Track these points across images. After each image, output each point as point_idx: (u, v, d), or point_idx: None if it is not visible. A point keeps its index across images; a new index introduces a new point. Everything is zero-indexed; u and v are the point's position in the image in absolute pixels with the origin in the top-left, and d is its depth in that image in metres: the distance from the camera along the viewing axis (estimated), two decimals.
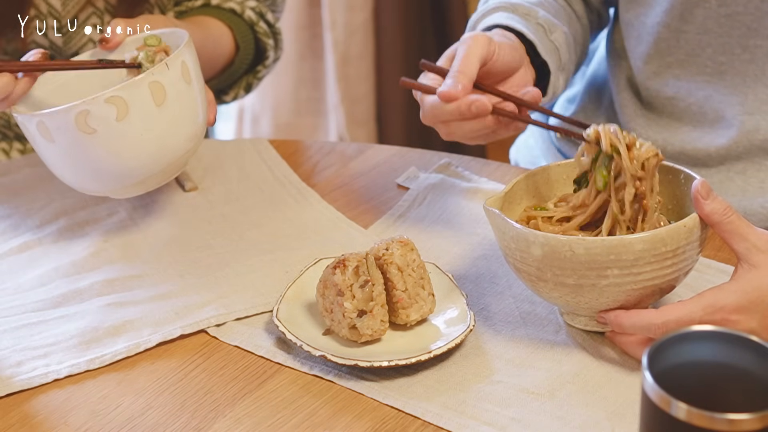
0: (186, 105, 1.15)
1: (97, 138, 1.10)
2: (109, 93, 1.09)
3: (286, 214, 1.26)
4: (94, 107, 1.08)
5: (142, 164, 1.14)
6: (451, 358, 1.03)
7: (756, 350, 0.78)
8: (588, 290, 0.98)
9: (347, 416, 0.98)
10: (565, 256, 0.96)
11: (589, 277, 0.97)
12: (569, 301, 1.01)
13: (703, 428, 0.73)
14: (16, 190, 1.32)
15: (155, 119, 1.12)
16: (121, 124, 1.10)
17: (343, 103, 2.54)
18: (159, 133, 1.13)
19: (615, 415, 0.96)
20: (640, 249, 0.95)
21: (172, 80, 1.12)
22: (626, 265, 0.96)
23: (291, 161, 1.35)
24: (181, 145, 1.16)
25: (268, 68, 1.50)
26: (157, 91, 1.11)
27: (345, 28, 2.49)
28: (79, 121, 1.09)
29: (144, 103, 1.10)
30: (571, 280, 0.98)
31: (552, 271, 0.98)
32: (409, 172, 1.32)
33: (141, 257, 1.19)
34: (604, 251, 0.96)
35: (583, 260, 0.96)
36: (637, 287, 0.98)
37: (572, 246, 0.96)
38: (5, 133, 1.43)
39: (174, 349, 1.07)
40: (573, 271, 0.97)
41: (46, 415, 0.99)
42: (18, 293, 1.14)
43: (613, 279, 0.97)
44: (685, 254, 0.98)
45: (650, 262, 0.96)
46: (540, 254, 0.98)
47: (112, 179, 1.14)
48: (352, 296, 1.02)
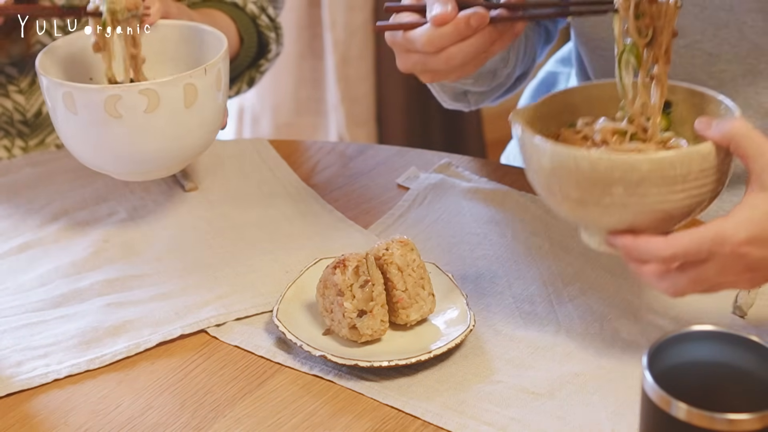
0: (211, 110, 1.18)
1: (121, 123, 1.14)
2: (145, 85, 1.13)
3: (286, 214, 1.26)
4: (127, 94, 1.12)
5: (154, 157, 1.17)
6: (451, 358, 1.03)
7: (756, 350, 0.78)
8: (592, 207, 0.95)
9: (347, 416, 0.98)
10: (570, 169, 0.94)
11: (593, 193, 0.94)
12: (576, 216, 0.98)
13: (703, 428, 0.73)
14: (16, 190, 1.32)
15: (181, 118, 1.15)
16: (147, 116, 1.13)
17: (343, 103, 2.54)
18: (180, 132, 1.16)
19: (615, 415, 0.96)
20: (647, 169, 0.92)
21: (205, 85, 1.16)
22: (631, 185, 0.93)
23: (291, 161, 1.35)
24: (196, 146, 1.20)
25: (270, 62, 1.51)
26: (190, 93, 1.14)
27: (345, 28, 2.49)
28: (108, 103, 1.12)
29: (175, 101, 1.14)
30: (576, 195, 0.95)
31: (559, 183, 0.96)
32: (409, 172, 1.32)
33: (141, 257, 1.19)
34: (609, 167, 0.93)
35: (588, 175, 0.94)
36: (644, 210, 0.94)
37: (577, 159, 0.94)
38: (7, 130, 1.43)
39: (174, 349, 1.07)
40: (577, 185, 0.95)
41: (46, 415, 0.99)
42: (18, 293, 1.14)
43: (618, 198, 0.94)
44: (699, 181, 0.94)
45: (657, 184, 0.93)
46: (549, 166, 0.96)
47: (120, 163, 1.18)
48: (352, 296, 1.02)
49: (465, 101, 1.34)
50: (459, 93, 1.33)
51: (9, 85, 1.41)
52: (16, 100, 1.41)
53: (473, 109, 1.37)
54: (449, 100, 1.35)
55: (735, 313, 1.07)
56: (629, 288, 1.11)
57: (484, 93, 1.33)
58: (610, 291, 1.11)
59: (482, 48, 1.08)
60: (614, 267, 1.14)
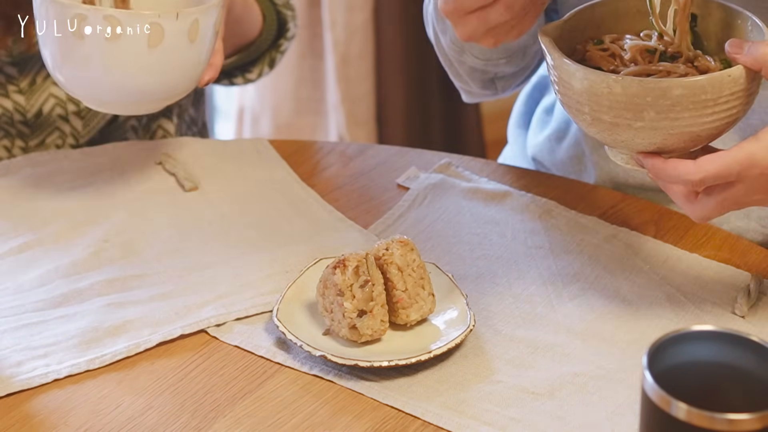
0: (180, 59, 1.17)
1: (83, 45, 1.13)
2: (110, 11, 1.13)
3: (286, 214, 1.26)
4: (92, 15, 1.12)
5: (110, 89, 1.17)
6: (451, 358, 1.03)
7: (756, 350, 0.78)
8: (624, 129, 0.96)
9: (347, 416, 0.98)
10: (602, 92, 0.94)
11: (624, 116, 0.95)
12: (606, 138, 0.99)
13: (703, 428, 0.73)
14: (16, 190, 1.31)
15: (143, 56, 1.14)
16: (108, 44, 1.13)
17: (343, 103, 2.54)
18: (138, 71, 1.15)
19: (615, 415, 0.96)
20: (679, 94, 0.93)
21: (175, 30, 1.14)
22: (663, 109, 0.93)
23: (291, 161, 1.35)
24: (159, 92, 1.19)
25: (289, 41, 1.52)
26: (155, 34, 1.13)
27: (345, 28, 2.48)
28: (73, 22, 1.12)
29: (138, 38, 1.13)
30: (608, 117, 0.96)
31: (590, 105, 0.96)
32: (409, 172, 1.32)
33: (141, 257, 1.19)
34: (641, 92, 0.93)
35: (620, 99, 0.94)
36: (674, 132, 0.95)
37: (609, 83, 0.94)
38: (7, 131, 1.43)
39: (174, 349, 1.07)
40: (609, 108, 0.95)
41: (46, 415, 0.99)
42: (18, 293, 1.14)
43: (649, 122, 0.94)
44: (728, 104, 0.95)
45: (689, 108, 0.93)
46: (579, 88, 0.96)
47: (84, 85, 1.18)
48: (352, 296, 1.02)
49: (493, 88, 1.35)
50: (488, 80, 1.33)
51: (9, 85, 1.41)
52: (16, 101, 1.41)
53: (500, 96, 1.37)
54: (478, 88, 1.35)
55: (735, 313, 1.07)
56: (629, 288, 1.11)
57: (512, 76, 1.33)
58: (610, 291, 1.11)
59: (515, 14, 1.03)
60: (614, 267, 1.14)
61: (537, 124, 1.46)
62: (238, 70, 1.52)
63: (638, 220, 1.22)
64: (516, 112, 1.53)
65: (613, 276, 1.13)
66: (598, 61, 1.02)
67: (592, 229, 1.20)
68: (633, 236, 1.19)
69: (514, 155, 1.50)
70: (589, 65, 1.01)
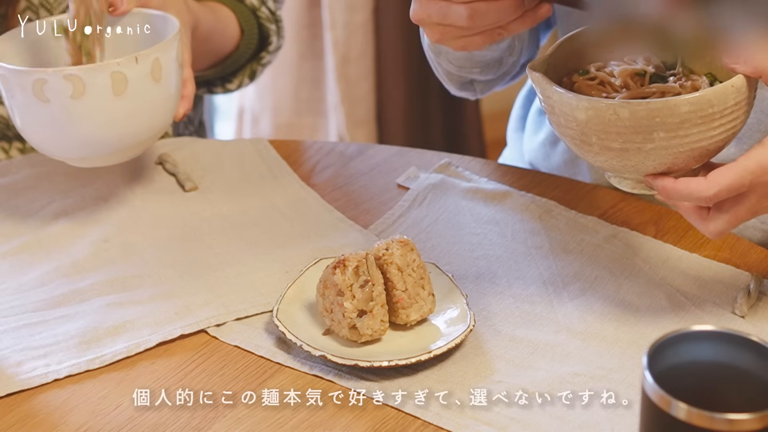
0: (148, 101, 1.17)
1: (49, 108, 1.14)
2: (69, 70, 1.12)
3: (286, 214, 1.26)
4: (52, 79, 1.12)
5: (88, 143, 1.17)
6: (451, 358, 1.03)
7: (756, 350, 0.78)
8: (634, 153, 0.96)
9: (347, 416, 0.98)
10: (609, 120, 0.94)
11: (634, 140, 0.95)
12: (615, 165, 0.99)
13: (703, 428, 0.73)
14: (16, 190, 1.31)
15: (111, 107, 1.14)
16: (74, 102, 1.13)
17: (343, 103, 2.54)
18: (112, 121, 1.15)
19: (615, 415, 0.96)
20: (686, 111, 0.93)
21: (138, 75, 1.14)
22: (672, 128, 0.94)
23: (291, 161, 1.35)
24: (135, 136, 1.19)
25: (272, 54, 1.51)
26: (119, 82, 1.14)
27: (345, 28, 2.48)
28: (36, 87, 1.13)
29: (102, 90, 1.13)
30: (617, 144, 0.96)
31: (597, 135, 0.96)
32: (409, 172, 1.32)
33: (141, 257, 1.19)
34: (650, 114, 0.93)
35: (628, 124, 0.94)
36: (684, 149, 0.95)
37: (616, 110, 0.94)
38: (5, 133, 1.43)
39: (174, 349, 1.07)
40: (618, 135, 0.95)
41: (46, 415, 0.99)
42: (18, 293, 1.14)
43: (660, 142, 0.94)
44: (733, 114, 0.96)
45: (697, 124, 0.94)
46: (584, 118, 0.96)
47: (58, 146, 1.19)
48: (352, 296, 1.02)
49: (471, 90, 1.35)
50: (466, 82, 1.33)
51: None
52: None
53: (479, 97, 1.37)
54: (456, 89, 1.35)
55: (735, 313, 1.07)
56: (629, 288, 1.11)
57: (490, 81, 1.33)
58: (610, 291, 1.11)
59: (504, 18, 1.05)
60: (614, 267, 1.14)
61: (531, 126, 1.46)
62: (218, 80, 1.52)
63: (638, 220, 1.22)
64: (514, 116, 1.54)
65: (613, 276, 1.13)
66: (588, 92, 1.02)
67: (592, 229, 1.20)
68: (633, 236, 1.19)
69: (513, 159, 1.51)
70: None
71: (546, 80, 0.99)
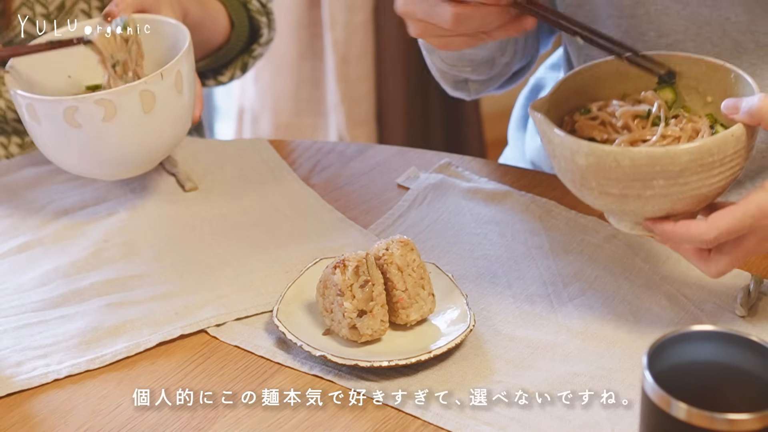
0: (174, 112, 1.20)
1: (81, 132, 1.16)
2: (100, 95, 1.14)
3: (286, 214, 1.26)
4: (83, 105, 1.14)
5: (120, 161, 1.20)
6: (451, 358, 1.03)
7: (756, 350, 0.78)
8: (633, 199, 0.96)
9: (347, 416, 0.98)
10: (609, 166, 0.94)
11: (634, 187, 0.95)
12: (614, 209, 0.99)
13: (703, 428, 0.73)
14: (16, 190, 1.31)
15: (141, 124, 1.17)
16: (106, 125, 1.15)
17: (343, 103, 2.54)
18: (143, 137, 1.19)
19: (615, 415, 0.96)
20: (687, 160, 0.93)
21: (163, 90, 1.17)
22: (672, 176, 0.94)
23: (291, 161, 1.35)
24: (163, 146, 1.22)
25: (263, 47, 1.52)
26: (147, 100, 1.16)
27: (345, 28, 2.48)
28: (67, 114, 1.15)
29: (132, 109, 1.15)
30: (616, 190, 0.96)
31: (597, 180, 0.96)
32: (409, 172, 1.32)
33: (141, 257, 1.19)
34: (650, 162, 0.94)
35: (629, 171, 0.94)
36: (683, 196, 0.96)
37: (617, 157, 0.94)
38: (3, 128, 1.43)
39: (174, 349, 1.07)
40: (618, 181, 0.95)
41: (46, 415, 0.99)
42: (18, 293, 1.14)
43: (659, 189, 0.95)
44: (733, 162, 0.96)
45: (697, 172, 0.94)
46: (584, 164, 0.96)
47: (90, 167, 1.22)
48: (352, 296, 1.02)
49: (466, 90, 1.35)
50: (460, 81, 1.33)
51: (0, 85, 1.41)
52: (9, 99, 1.41)
53: (474, 98, 1.37)
54: (450, 88, 1.35)
55: (735, 313, 1.07)
56: (629, 288, 1.11)
57: (484, 82, 1.33)
58: (610, 291, 1.11)
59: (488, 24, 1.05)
60: (614, 267, 1.14)
61: (534, 126, 1.46)
62: (210, 72, 1.52)
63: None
64: (515, 115, 1.54)
65: (613, 276, 1.13)
66: (589, 132, 1.03)
67: (592, 229, 1.20)
68: (633, 236, 1.18)
69: (515, 158, 1.51)
70: (581, 136, 1.01)
71: (547, 122, 0.99)
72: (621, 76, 1.07)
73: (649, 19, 1.21)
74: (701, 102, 1.06)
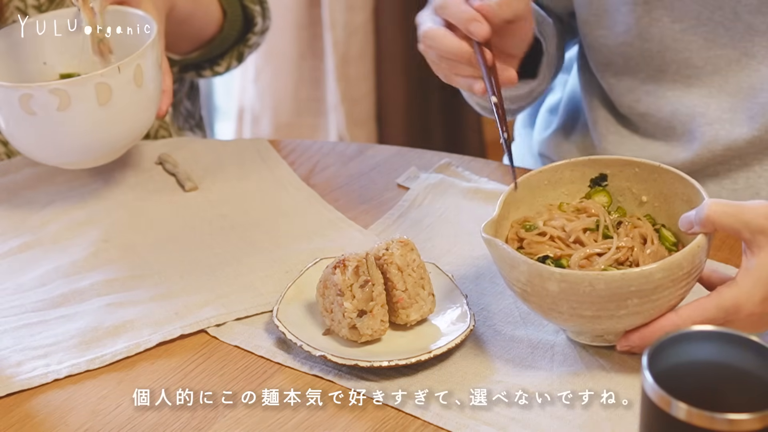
0: (132, 105, 1.20)
1: (36, 120, 1.17)
2: (54, 84, 1.15)
3: (286, 214, 1.26)
4: (38, 93, 1.15)
5: (77, 150, 1.21)
6: (451, 358, 1.03)
7: (756, 350, 0.78)
8: (606, 320, 0.97)
9: (347, 416, 0.98)
10: (584, 291, 0.95)
11: (608, 308, 0.96)
12: (584, 329, 1.00)
13: (703, 428, 0.73)
14: (16, 190, 1.31)
15: (96, 116, 1.17)
16: (61, 114, 1.16)
17: (343, 103, 2.54)
18: (98, 129, 1.19)
19: (615, 415, 0.96)
20: (660, 277, 0.94)
21: (121, 83, 1.17)
22: (646, 293, 0.95)
23: (291, 161, 1.35)
24: (123, 139, 1.23)
25: (259, 36, 1.52)
26: (103, 92, 1.16)
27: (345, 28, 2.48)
28: (22, 101, 1.16)
29: (87, 101, 1.16)
30: (590, 312, 0.96)
31: (569, 304, 0.96)
32: (409, 172, 1.32)
33: (141, 257, 1.19)
34: (625, 284, 0.94)
35: (604, 294, 0.95)
36: (654, 311, 0.97)
37: (592, 282, 0.94)
38: None
39: (174, 349, 1.07)
40: (592, 304, 0.96)
41: (46, 415, 0.99)
42: (18, 293, 1.14)
43: (633, 308, 0.96)
44: (698, 270, 0.98)
45: (668, 287, 0.95)
46: (556, 290, 0.96)
47: (48, 154, 1.23)
48: (352, 296, 1.02)
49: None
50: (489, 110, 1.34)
51: None
52: None
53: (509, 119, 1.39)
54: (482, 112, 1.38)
55: None
56: None
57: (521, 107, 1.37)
58: None
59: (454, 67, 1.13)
60: None
61: (541, 124, 1.46)
62: (206, 63, 1.52)
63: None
64: (522, 114, 1.54)
65: None
66: (539, 249, 1.03)
67: None
68: None
69: (522, 153, 1.51)
70: (530, 253, 1.02)
71: (510, 250, 0.98)
72: (553, 184, 1.08)
73: (663, 4, 1.22)
74: (636, 202, 1.07)
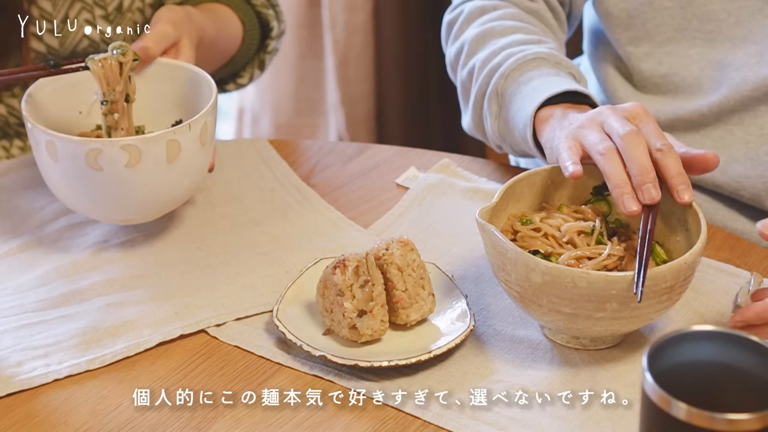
0: (196, 162, 1.17)
1: (101, 176, 1.12)
2: (127, 140, 1.11)
3: (286, 214, 1.26)
4: (108, 149, 1.11)
5: (134, 208, 1.17)
6: (451, 358, 1.03)
7: (756, 350, 0.78)
8: (583, 320, 0.97)
9: (347, 416, 0.98)
10: (566, 286, 0.95)
11: (586, 308, 0.96)
12: (560, 326, 1.01)
13: (703, 428, 0.73)
14: (16, 190, 1.31)
15: (163, 173, 1.14)
16: (128, 170, 1.12)
17: (343, 103, 2.54)
18: (162, 185, 1.15)
19: (615, 415, 0.96)
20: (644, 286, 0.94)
21: (189, 140, 1.14)
22: (626, 300, 0.95)
23: (291, 161, 1.35)
24: (180, 196, 1.19)
25: (276, 41, 1.50)
26: (173, 149, 1.13)
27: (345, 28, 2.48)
28: (89, 156, 1.11)
29: (157, 157, 1.13)
30: (568, 309, 0.97)
31: (549, 298, 0.97)
32: (409, 172, 1.32)
33: (141, 257, 1.19)
34: (607, 286, 0.95)
35: (584, 293, 0.95)
36: (631, 321, 0.97)
37: (575, 278, 0.95)
38: (5, 131, 1.43)
39: (174, 349, 1.07)
40: (571, 301, 0.96)
41: (46, 415, 0.99)
42: (18, 293, 1.14)
43: (610, 312, 0.96)
44: (681, 288, 0.98)
45: (649, 297, 0.95)
46: (539, 282, 0.96)
47: (103, 211, 1.18)
48: (352, 296, 1.02)
49: None
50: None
51: (2, 90, 1.40)
52: (10, 104, 1.41)
53: None
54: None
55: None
56: None
57: None
58: None
59: None
60: None
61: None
62: (229, 76, 1.51)
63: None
64: None
65: None
66: (531, 244, 1.03)
67: None
68: None
69: None
70: (522, 246, 1.02)
71: (501, 236, 0.99)
72: (556, 186, 1.09)
73: None
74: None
